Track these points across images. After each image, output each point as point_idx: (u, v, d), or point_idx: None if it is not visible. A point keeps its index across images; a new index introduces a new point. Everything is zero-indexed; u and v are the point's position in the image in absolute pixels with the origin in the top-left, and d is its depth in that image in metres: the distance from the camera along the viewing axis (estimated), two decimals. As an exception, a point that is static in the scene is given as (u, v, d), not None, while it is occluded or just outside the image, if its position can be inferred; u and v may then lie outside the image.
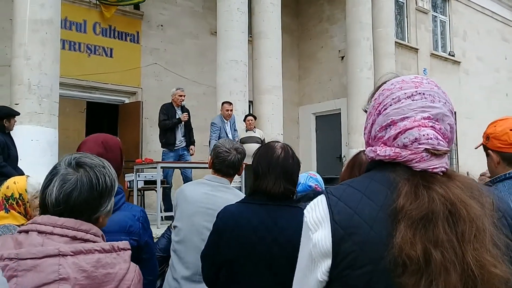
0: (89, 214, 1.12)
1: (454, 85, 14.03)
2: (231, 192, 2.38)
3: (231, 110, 7.43)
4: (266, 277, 1.71)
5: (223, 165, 2.37)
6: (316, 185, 2.67)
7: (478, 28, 15.63)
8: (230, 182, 2.44)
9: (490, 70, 15.85)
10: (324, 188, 2.63)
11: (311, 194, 2.27)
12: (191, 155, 7.36)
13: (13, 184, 2.25)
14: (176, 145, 7.17)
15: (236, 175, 2.48)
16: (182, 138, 7.25)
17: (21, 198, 2.26)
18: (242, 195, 2.42)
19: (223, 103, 7.49)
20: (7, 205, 2.21)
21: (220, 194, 2.33)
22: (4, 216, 2.21)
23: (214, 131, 7.27)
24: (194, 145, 7.44)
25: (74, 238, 1.06)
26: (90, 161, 1.17)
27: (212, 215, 1.99)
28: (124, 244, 1.12)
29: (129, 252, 1.12)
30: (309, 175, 2.73)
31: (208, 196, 2.33)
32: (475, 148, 1.92)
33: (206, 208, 2.29)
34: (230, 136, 7.31)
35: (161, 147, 7.32)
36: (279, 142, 1.91)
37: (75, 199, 1.10)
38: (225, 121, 7.43)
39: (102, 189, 1.15)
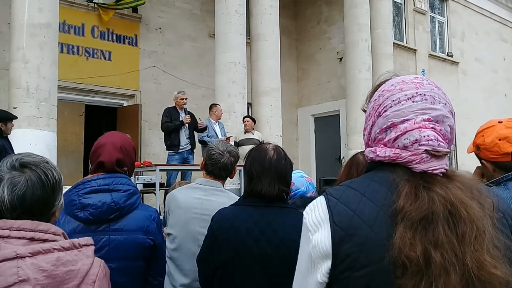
0: (47, 211, 1.12)
1: (452, 85, 14.05)
2: (225, 195, 2.32)
3: (221, 110, 7.60)
4: (262, 278, 1.71)
5: (216, 167, 2.31)
6: (313, 193, 2.54)
7: (476, 28, 15.66)
8: (223, 185, 2.38)
9: (488, 70, 15.87)
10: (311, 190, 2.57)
11: (298, 203, 2.23)
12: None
13: None
14: (180, 148, 7.22)
15: (228, 178, 2.43)
16: (187, 140, 7.30)
17: None
18: (237, 198, 2.37)
19: (213, 106, 7.60)
20: None
21: (214, 198, 2.26)
22: None
23: None
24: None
25: (32, 239, 1.05)
26: (33, 159, 1.15)
27: (208, 220, 1.97)
28: (87, 240, 1.12)
29: (92, 247, 1.11)
30: (306, 180, 2.55)
31: (202, 201, 2.26)
32: (468, 153, 1.93)
33: (201, 214, 2.23)
34: (220, 137, 7.37)
35: (166, 149, 7.36)
36: (271, 143, 1.91)
37: (30, 200, 1.09)
38: (214, 122, 7.51)
39: (53, 184, 1.14)
